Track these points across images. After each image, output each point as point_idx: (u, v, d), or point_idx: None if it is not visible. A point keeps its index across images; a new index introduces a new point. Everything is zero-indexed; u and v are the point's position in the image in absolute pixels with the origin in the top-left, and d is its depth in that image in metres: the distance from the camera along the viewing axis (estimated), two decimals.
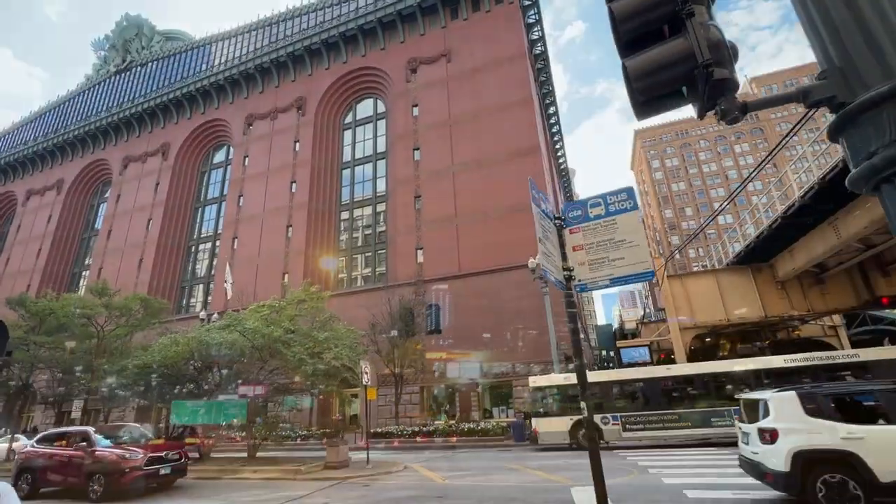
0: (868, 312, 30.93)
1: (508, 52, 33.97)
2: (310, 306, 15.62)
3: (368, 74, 39.76)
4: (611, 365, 50.74)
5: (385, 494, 9.10)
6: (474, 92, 33.58)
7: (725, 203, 16.25)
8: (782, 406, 6.44)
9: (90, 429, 11.04)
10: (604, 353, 51.97)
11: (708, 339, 29.43)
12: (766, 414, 6.57)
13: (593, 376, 16.40)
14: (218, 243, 40.71)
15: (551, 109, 50.09)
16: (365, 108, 40.49)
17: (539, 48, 41.67)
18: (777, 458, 6.11)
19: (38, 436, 11.82)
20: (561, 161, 61.09)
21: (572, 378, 16.17)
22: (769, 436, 6.33)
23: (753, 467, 6.73)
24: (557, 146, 56.88)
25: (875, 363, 13.00)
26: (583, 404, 3.35)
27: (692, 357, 19.79)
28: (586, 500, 7.58)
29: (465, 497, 8.34)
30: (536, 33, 40.31)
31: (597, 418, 14.98)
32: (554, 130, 53.69)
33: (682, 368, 15.69)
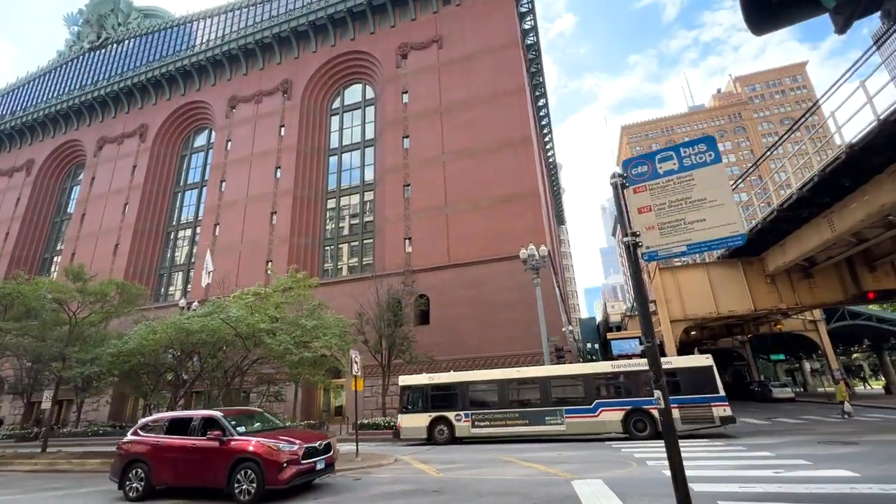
0: (847, 307, 31.74)
1: (501, 40, 33.41)
2: (296, 294, 15.01)
3: (357, 59, 38.73)
4: (593, 357, 51.59)
5: (379, 489, 8.70)
6: (466, 80, 32.98)
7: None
8: None
9: (218, 413, 9.04)
10: (588, 346, 52.53)
11: (693, 333, 29.80)
12: None
13: (450, 377, 17.47)
14: (199, 230, 39.43)
15: (541, 101, 49.79)
16: (353, 93, 39.50)
17: (531, 38, 41.22)
18: None
19: (141, 422, 9.78)
20: (549, 154, 60.99)
21: (436, 378, 17.59)
22: None
23: None
24: (546, 139, 56.70)
25: (680, 370, 14.83)
26: (657, 394, 2.95)
27: (681, 349, 19.86)
28: (590, 493, 7.31)
29: (462, 491, 8.00)
30: (529, 23, 39.80)
31: (451, 415, 16.38)
32: (543, 123, 53.42)
33: (523, 372, 16.91)
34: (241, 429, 8.83)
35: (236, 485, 7.98)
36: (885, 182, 11.58)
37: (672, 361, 15.21)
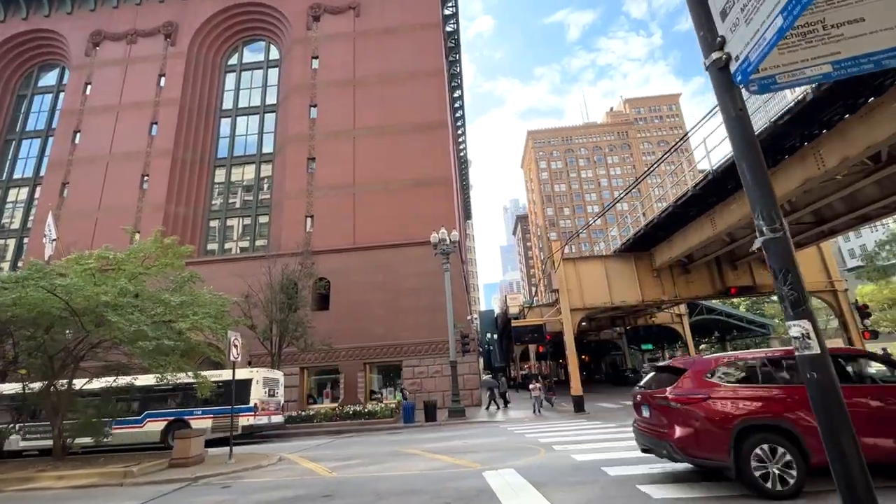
0: (704, 304, 36.73)
1: (423, 18, 32.17)
2: (162, 263, 12.19)
3: (261, 12, 34.49)
4: (491, 348, 53.61)
5: (251, 497, 7.03)
6: (383, 54, 31.14)
7: (619, 198, 17.08)
8: None
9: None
10: (488, 336, 54.50)
11: (584, 323, 31.89)
12: None
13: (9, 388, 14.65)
14: (39, 188, 31.92)
15: (457, 93, 49.63)
16: (254, 51, 35.15)
17: (452, 25, 40.60)
18: None
19: (702, 363, 5.99)
20: (462, 148, 61.44)
21: None
22: None
23: None
24: (459, 132, 56.91)
25: (227, 382, 14.04)
26: (800, 328, 1.75)
27: (578, 337, 20.75)
28: (504, 485, 6.57)
29: (358, 493, 6.75)
30: (451, 8, 39.12)
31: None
32: (458, 115, 53.42)
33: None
34: None
35: None
36: None
37: (222, 374, 15.15)
